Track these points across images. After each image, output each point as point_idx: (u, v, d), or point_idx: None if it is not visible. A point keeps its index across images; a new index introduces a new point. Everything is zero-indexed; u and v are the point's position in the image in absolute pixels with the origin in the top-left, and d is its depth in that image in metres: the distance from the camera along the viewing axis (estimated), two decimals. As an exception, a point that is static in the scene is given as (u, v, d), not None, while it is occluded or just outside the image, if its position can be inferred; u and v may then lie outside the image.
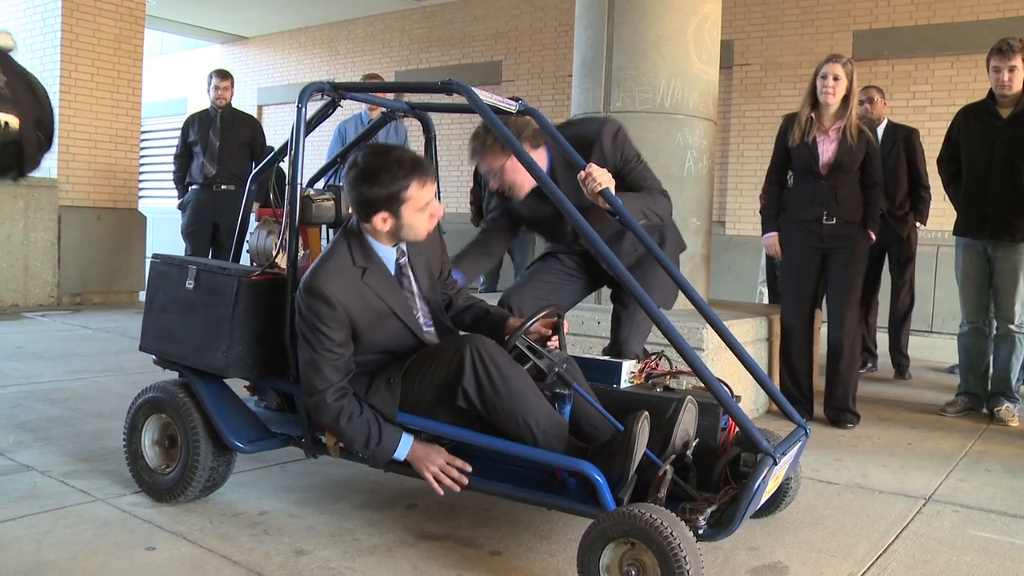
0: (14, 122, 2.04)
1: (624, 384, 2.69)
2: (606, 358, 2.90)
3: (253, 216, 3.38)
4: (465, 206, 6.89)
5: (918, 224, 5.82)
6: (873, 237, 4.35)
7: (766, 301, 7.27)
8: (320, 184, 3.21)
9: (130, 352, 5.40)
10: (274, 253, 2.79)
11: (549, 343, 2.61)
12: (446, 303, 2.80)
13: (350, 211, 2.54)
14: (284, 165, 2.86)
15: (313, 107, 2.87)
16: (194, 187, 7.10)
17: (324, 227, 3.02)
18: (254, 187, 3.29)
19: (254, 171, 3.29)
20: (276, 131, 13.34)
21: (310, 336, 2.37)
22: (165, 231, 10.87)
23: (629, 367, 2.75)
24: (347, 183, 2.44)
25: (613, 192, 2.75)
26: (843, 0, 9.37)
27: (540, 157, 3.05)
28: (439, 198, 2.68)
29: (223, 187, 7.00)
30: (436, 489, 2.40)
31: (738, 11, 9.80)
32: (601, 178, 2.73)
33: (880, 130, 5.43)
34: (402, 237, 2.49)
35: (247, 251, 3.13)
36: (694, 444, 2.42)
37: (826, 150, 4.26)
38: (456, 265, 3.14)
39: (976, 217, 4.55)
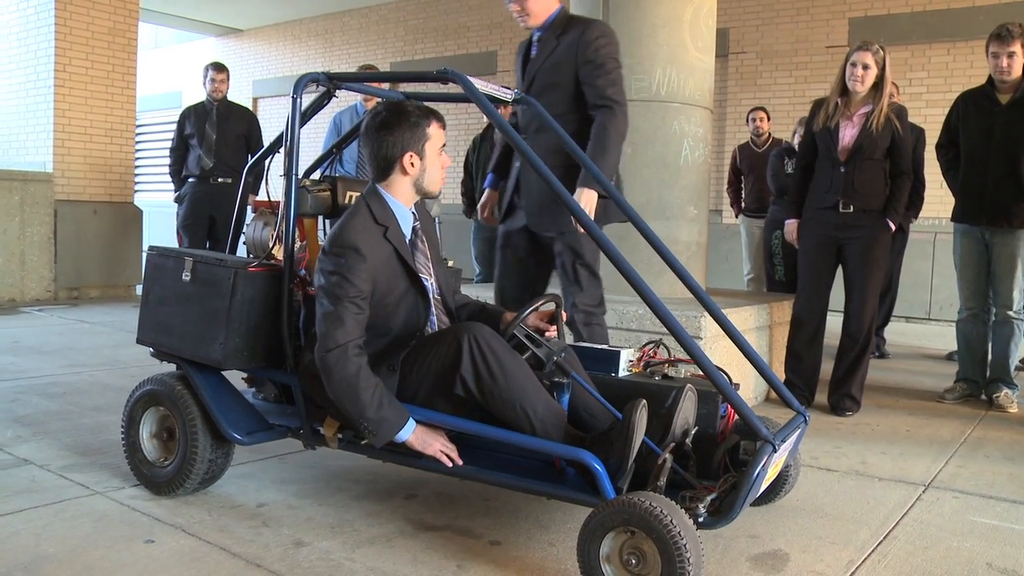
0: None
1: (623, 373, 2.69)
2: (604, 347, 2.89)
3: (249, 208, 3.37)
4: (458, 197, 6.88)
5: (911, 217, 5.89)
6: (892, 227, 4.25)
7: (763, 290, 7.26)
8: (316, 175, 3.20)
9: (127, 346, 5.39)
10: (271, 244, 2.79)
11: (547, 332, 2.61)
12: None
13: (365, 176, 2.57)
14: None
15: (308, 99, 2.87)
16: (191, 180, 7.10)
17: (321, 218, 3.01)
18: (250, 179, 3.29)
19: (250, 163, 3.28)
20: (271, 123, 13.31)
21: (336, 288, 2.35)
22: (162, 225, 10.85)
23: (627, 355, 2.74)
24: (371, 135, 2.50)
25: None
26: (839, -13, 9.37)
27: None
28: None
29: (220, 180, 7.01)
30: (444, 462, 2.39)
31: (734, -1, 9.78)
32: (588, 205, 3.04)
33: None
34: (423, 186, 2.56)
35: (244, 243, 3.12)
36: (693, 432, 2.41)
37: (845, 135, 4.22)
38: None
39: (974, 203, 4.53)
